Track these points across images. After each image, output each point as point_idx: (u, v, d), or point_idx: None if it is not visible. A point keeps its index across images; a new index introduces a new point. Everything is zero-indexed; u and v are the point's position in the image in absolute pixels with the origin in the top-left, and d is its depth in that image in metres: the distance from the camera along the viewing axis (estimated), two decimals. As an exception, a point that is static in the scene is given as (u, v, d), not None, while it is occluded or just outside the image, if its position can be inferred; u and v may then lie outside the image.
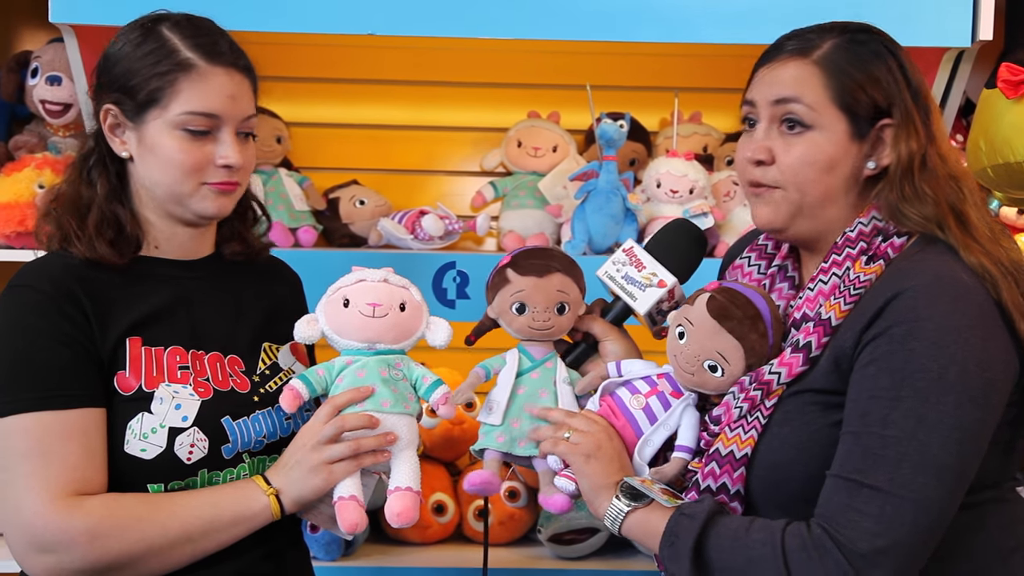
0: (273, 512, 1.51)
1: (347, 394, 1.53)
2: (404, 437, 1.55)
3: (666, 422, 1.50)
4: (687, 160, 2.34)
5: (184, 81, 1.53)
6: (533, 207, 2.44)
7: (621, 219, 2.28)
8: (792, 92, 1.45)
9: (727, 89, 2.69)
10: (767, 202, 1.49)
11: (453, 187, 2.76)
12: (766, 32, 2.08)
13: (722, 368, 1.46)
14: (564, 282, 1.57)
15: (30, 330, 1.48)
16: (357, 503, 1.52)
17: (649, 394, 1.51)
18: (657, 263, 1.58)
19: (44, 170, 2.26)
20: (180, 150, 1.53)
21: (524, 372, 1.57)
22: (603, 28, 2.15)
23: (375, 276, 1.57)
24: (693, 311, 1.48)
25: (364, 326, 1.55)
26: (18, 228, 2.22)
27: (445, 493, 2.36)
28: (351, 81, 2.69)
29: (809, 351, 1.42)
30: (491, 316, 1.60)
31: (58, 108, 2.34)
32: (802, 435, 1.41)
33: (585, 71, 2.46)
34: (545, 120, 2.55)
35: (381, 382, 1.53)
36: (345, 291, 1.56)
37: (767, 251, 1.63)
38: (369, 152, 2.72)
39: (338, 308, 1.56)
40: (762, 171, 1.48)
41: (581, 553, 2.28)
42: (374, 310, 1.54)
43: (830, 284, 1.45)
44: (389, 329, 1.55)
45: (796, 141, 1.46)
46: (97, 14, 2.05)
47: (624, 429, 1.51)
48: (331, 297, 1.58)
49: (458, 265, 2.20)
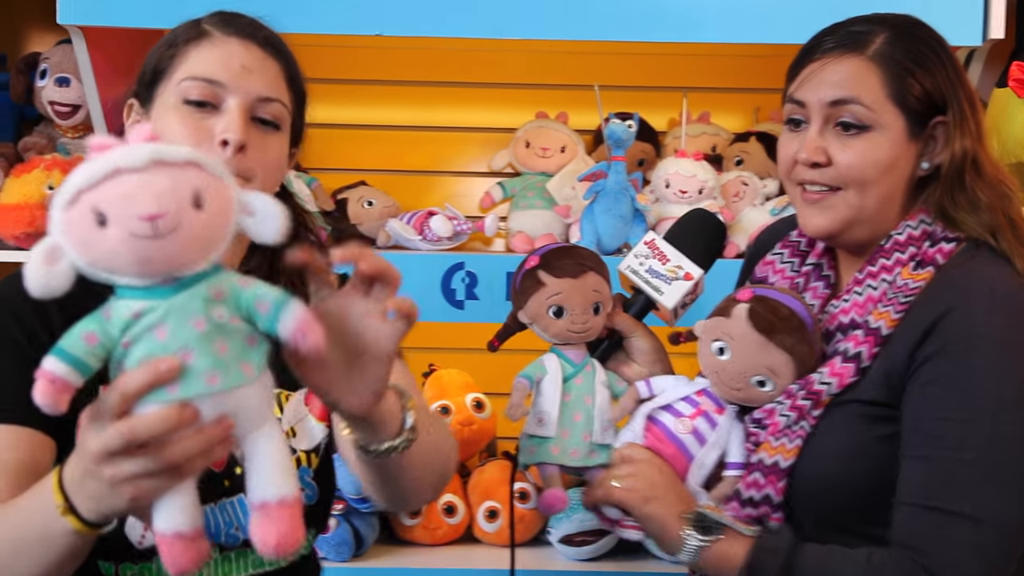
0: (80, 533, 1.05)
1: (143, 374, 0.94)
2: (252, 415, 1.00)
3: (716, 442, 1.44)
4: (696, 160, 2.34)
5: (193, 48, 1.34)
6: (542, 208, 2.43)
7: (630, 220, 2.27)
8: (849, 93, 1.39)
9: (736, 89, 2.70)
10: (824, 208, 1.43)
11: (461, 188, 2.75)
12: (776, 32, 2.10)
13: (772, 383, 1.41)
14: (598, 281, 1.51)
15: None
16: (185, 541, 1.00)
17: (694, 415, 1.44)
18: (681, 255, 1.54)
19: (53, 171, 2.26)
20: (177, 123, 1.30)
21: (567, 378, 1.50)
22: (612, 28, 2.15)
23: (138, 158, 0.92)
24: (733, 325, 1.42)
25: (145, 254, 0.92)
26: (27, 229, 2.22)
27: (455, 494, 2.35)
28: (359, 82, 2.69)
29: (860, 361, 1.38)
30: (523, 321, 1.53)
31: (67, 109, 2.34)
32: (847, 447, 1.37)
33: (593, 71, 2.46)
34: (553, 120, 2.55)
35: (197, 340, 0.95)
36: (93, 197, 0.92)
37: (800, 248, 1.58)
38: (377, 153, 2.72)
39: (89, 229, 0.92)
40: (819, 173, 1.42)
41: (593, 555, 2.27)
42: (154, 225, 0.91)
43: (879, 290, 1.41)
44: (187, 248, 0.94)
45: (853, 141, 1.40)
46: (105, 16, 2.05)
47: (675, 457, 1.44)
48: (71, 211, 0.93)
49: (467, 266, 2.19)
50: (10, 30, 2.59)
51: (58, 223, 0.93)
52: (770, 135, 2.47)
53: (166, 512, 0.99)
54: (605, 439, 1.48)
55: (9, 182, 2.29)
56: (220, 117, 1.30)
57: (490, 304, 2.14)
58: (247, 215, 0.98)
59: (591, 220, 2.27)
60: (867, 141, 1.40)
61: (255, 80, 1.33)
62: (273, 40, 1.38)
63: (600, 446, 1.48)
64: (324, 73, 2.67)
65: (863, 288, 1.43)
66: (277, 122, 1.36)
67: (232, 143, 1.29)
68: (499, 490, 2.33)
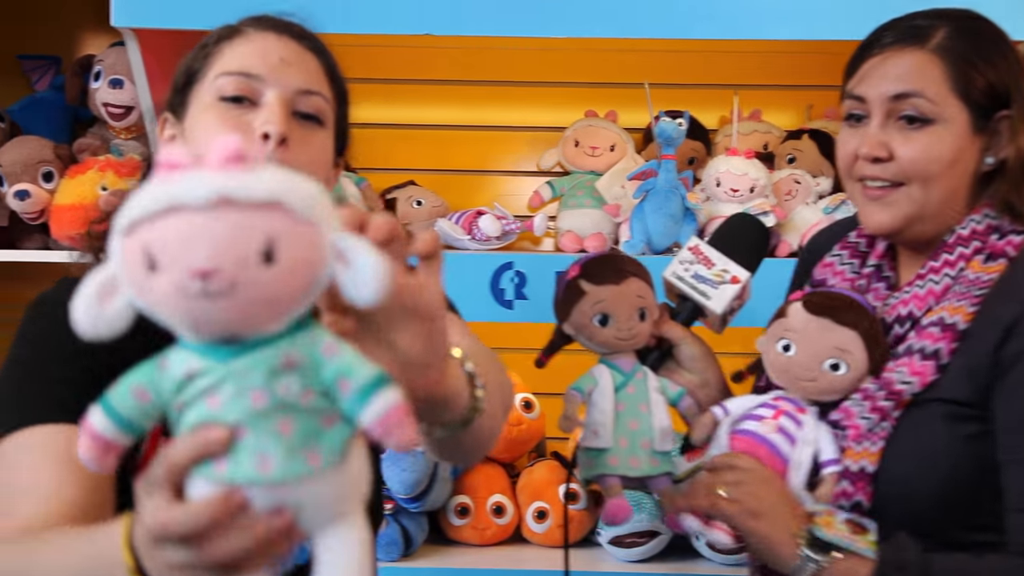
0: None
1: (187, 446, 0.79)
2: (322, 512, 0.80)
3: (806, 439, 1.38)
4: (747, 158, 2.31)
5: (226, 46, 1.26)
6: (591, 207, 2.43)
7: (680, 218, 2.25)
8: (912, 86, 1.37)
9: (788, 86, 2.68)
10: (887, 204, 1.41)
11: (510, 187, 2.75)
12: (827, 28, 2.08)
13: (845, 363, 1.37)
14: (641, 287, 1.47)
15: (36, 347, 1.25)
16: None
17: (776, 416, 1.40)
18: (727, 258, 1.51)
19: (107, 172, 2.30)
20: (214, 121, 1.22)
21: (619, 388, 1.46)
22: (662, 26, 2.14)
23: (199, 195, 0.73)
24: (791, 320, 1.40)
25: (192, 314, 0.76)
26: (82, 229, 2.25)
27: (504, 495, 2.35)
28: (408, 81, 2.70)
29: (939, 358, 1.35)
30: (568, 332, 1.49)
31: (120, 111, 2.37)
32: (929, 447, 1.35)
33: (643, 69, 2.44)
34: (603, 119, 2.54)
35: (252, 417, 0.78)
36: (146, 234, 0.75)
37: (860, 249, 1.55)
38: (426, 153, 2.73)
39: (140, 270, 0.76)
40: (881, 168, 1.40)
41: (642, 556, 2.26)
42: (205, 283, 0.74)
43: (941, 285, 1.39)
44: (245, 313, 0.76)
45: (916, 135, 1.38)
46: (157, 18, 2.08)
47: (770, 460, 1.38)
48: (126, 239, 0.76)
49: (516, 265, 2.19)
50: (65, 33, 2.64)
51: (116, 252, 0.78)
52: (823, 132, 2.44)
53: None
54: (665, 446, 1.45)
55: (64, 183, 2.33)
56: (259, 112, 1.21)
57: (539, 304, 2.14)
58: (342, 265, 0.77)
59: (641, 219, 2.26)
60: (930, 135, 1.38)
61: (294, 72, 1.24)
62: (310, 36, 1.31)
63: (661, 454, 1.45)
64: (373, 73, 2.69)
65: (924, 282, 1.41)
66: (320, 116, 1.26)
67: (273, 136, 1.18)
68: (548, 491, 2.32)
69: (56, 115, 2.51)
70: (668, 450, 1.46)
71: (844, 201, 2.27)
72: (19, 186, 2.29)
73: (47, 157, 2.35)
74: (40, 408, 1.19)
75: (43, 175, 2.33)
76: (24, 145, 2.36)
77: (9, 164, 2.32)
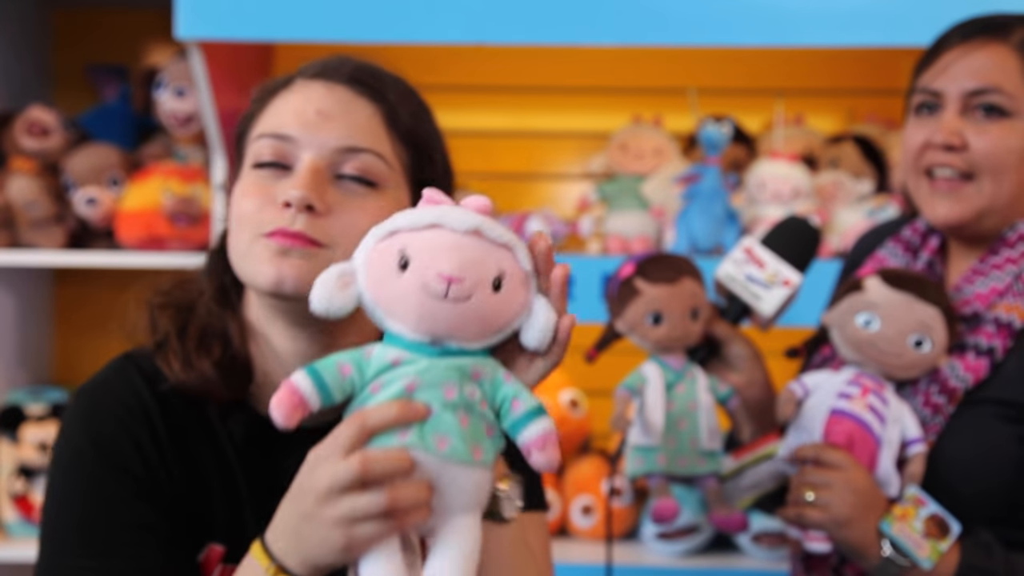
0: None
1: (389, 409, 0.92)
2: (461, 499, 0.94)
3: (895, 417, 1.37)
4: (790, 162, 2.34)
5: (272, 100, 1.13)
6: (637, 210, 2.46)
7: (724, 221, 2.29)
8: (991, 81, 1.37)
9: (830, 91, 2.70)
10: (957, 198, 1.40)
11: (558, 191, 2.80)
12: (870, 33, 2.09)
13: (929, 339, 1.35)
14: (695, 286, 1.47)
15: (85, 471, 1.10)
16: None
17: (863, 393, 1.38)
18: (779, 261, 1.49)
19: (171, 178, 2.37)
20: (244, 190, 1.09)
21: (669, 386, 1.45)
22: (706, 33, 2.16)
23: (462, 222, 0.92)
24: (872, 294, 1.38)
25: (428, 310, 0.92)
26: (147, 234, 2.34)
27: (550, 488, 2.39)
28: (457, 88, 2.75)
29: (994, 356, 1.36)
30: (620, 330, 1.48)
31: (183, 119, 2.44)
32: (979, 446, 1.35)
33: (688, 75, 2.48)
34: (648, 124, 2.57)
35: (442, 404, 0.93)
36: (407, 239, 0.93)
37: (913, 245, 1.54)
38: (474, 158, 2.76)
39: (390, 266, 0.93)
40: (954, 156, 1.39)
41: (686, 550, 2.29)
42: (448, 288, 0.91)
43: (1005, 281, 1.39)
44: (468, 321, 0.93)
45: (991, 127, 1.38)
46: (220, 29, 2.14)
47: (865, 440, 1.36)
48: (382, 243, 0.94)
49: (563, 267, 2.23)
50: (131, 45, 2.71)
51: (366, 251, 0.95)
52: (865, 137, 2.46)
53: (373, 570, 0.93)
54: (712, 445, 1.46)
55: (130, 189, 2.41)
56: (289, 178, 1.08)
57: (586, 305, 2.16)
58: (527, 313, 0.96)
59: (686, 222, 2.30)
60: (1005, 128, 1.37)
61: (334, 128, 1.08)
62: (364, 76, 1.14)
63: (708, 453, 1.46)
64: (424, 80, 2.73)
65: (987, 279, 1.40)
66: (369, 178, 1.10)
67: (294, 202, 1.04)
68: (593, 486, 2.36)
69: (123, 124, 2.58)
70: (716, 449, 1.47)
71: (886, 204, 2.29)
72: (87, 192, 2.37)
73: (114, 164, 2.43)
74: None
75: (110, 181, 2.42)
76: (92, 153, 2.44)
77: (78, 171, 2.41)
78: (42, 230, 2.42)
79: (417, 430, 0.92)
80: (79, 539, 1.08)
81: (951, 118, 1.39)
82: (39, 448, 2.42)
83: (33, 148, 2.47)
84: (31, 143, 2.47)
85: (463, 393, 0.94)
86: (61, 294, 2.85)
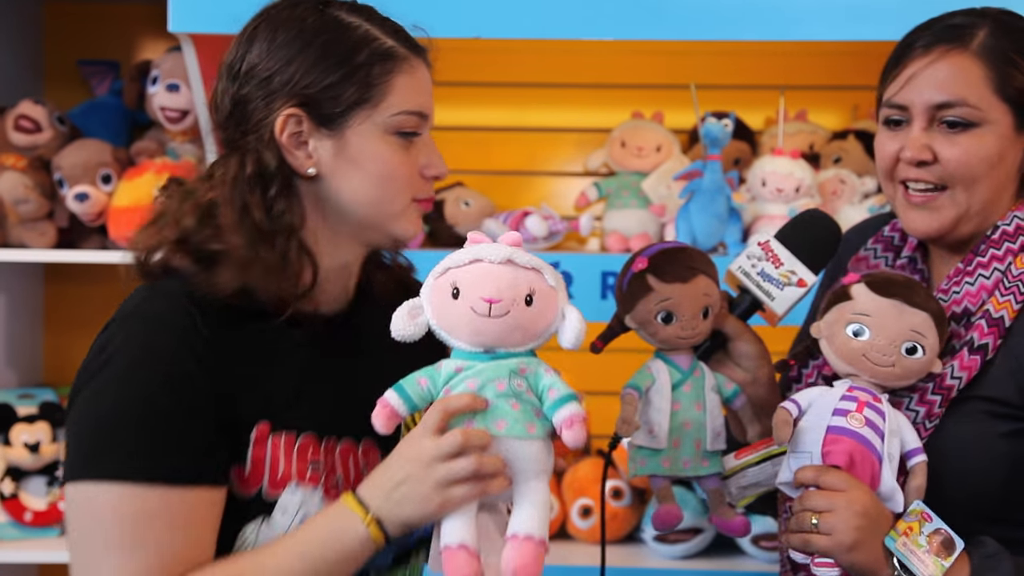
0: (376, 544, 1.21)
1: (463, 399, 1.20)
2: (527, 466, 1.22)
3: (893, 430, 1.33)
4: (793, 158, 2.32)
5: (398, 75, 1.31)
6: (637, 207, 2.44)
7: (726, 218, 2.27)
8: (956, 95, 1.37)
9: (833, 86, 2.68)
10: (932, 210, 1.41)
11: (557, 188, 2.78)
12: (873, 28, 2.07)
13: (921, 346, 1.33)
14: (708, 284, 1.42)
15: (142, 381, 1.22)
16: (468, 554, 1.19)
17: (859, 408, 1.34)
18: (795, 259, 1.45)
19: (163, 174, 2.34)
20: (397, 159, 1.31)
21: (676, 386, 1.42)
22: (707, 27, 2.14)
23: (496, 255, 1.21)
24: (860, 303, 1.35)
25: (477, 327, 1.21)
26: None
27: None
28: (455, 84, 2.73)
29: (986, 353, 1.35)
30: (630, 325, 1.44)
31: (176, 115, 2.41)
32: (969, 444, 1.35)
33: (689, 71, 2.46)
34: (649, 120, 2.55)
35: (497, 396, 1.21)
36: (455, 274, 1.22)
37: (894, 243, 1.55)
38: (473, 154, 2.75)
39: (445, 297, 1.22)
40: (925, 170, 1.40)
41: (687, 553, 2.28)
42: (490, 308, 1.19)
43: (992, 278, 1.39)
44: (509, 331, 1.21)
45: (959, 138, 1.38)
46: (214, 23, 2.11)
47: (866, 457, 1.32)
48: (438, 280, 1.23)
49: (562, 265, 2.21)
50: (123, 39, 2.69)
51: (427, 288, 1.24)
52: (868, 133, 2.44)
53: (454, 527, 1.20)
54: (716, 446, 1.43)
55: (122, 185, 2.38)
56: (419, 151, 1.34)
57: (585, 303, 2.14)
58: (560, 320, 1.24)
59: (686, 219, 2.28)
60: (974, 137, 1.38)
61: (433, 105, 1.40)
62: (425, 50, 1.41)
63: (711, 454, 1.43)
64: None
65: (975, 278, 1.41)
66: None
67: (442, 177, 1.37)
68: (592, 487, 2.35)
69: (114, 119, 2.56)
70: (720, 449, 1.44)
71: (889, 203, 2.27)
72: (79, 189, 2.35)
73: (105, 160, 2.40)
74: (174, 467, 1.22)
75: (102, 178, 2.39)
76: (83, 148, 2.41)
77: (69, 167, 2.38)
78: (32, 227, 2.40)
79: (480, 418, 1.21)
80: (138, 439, 1.20)
81: (918, 133, 1.40)
82: (29, 449, 2.39)
83: (23, 144, 2.44)
84: (21, 139, 2.44)
85: (511, 385, 1.22)
86: (52, 292, 2.82)
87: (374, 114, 1.29)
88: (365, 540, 1.20)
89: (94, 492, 1.19)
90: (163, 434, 1.20)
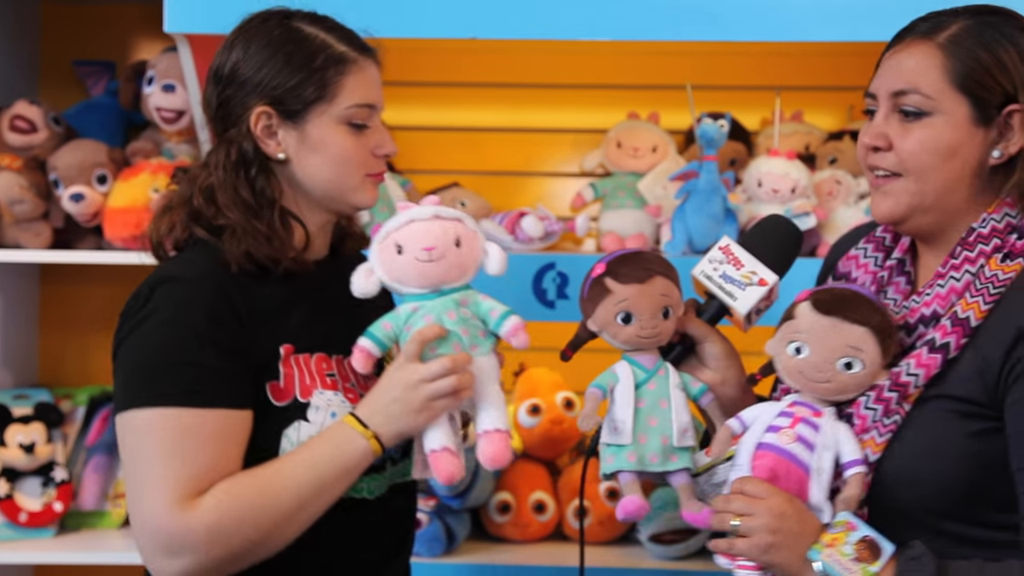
0: (375, 454, 1.47)
1: (433, 328, 1.47)
2: (482, 375, 1.49)
3: (825, 444, 1.39)
4: (788, 159, 2.32)
5: (348, 76, 1.56)
6: (632, 208, 2.44)
7: (721, 219, 2.27)
8: (909, 84, 1.40)
9: (829, 87, 2.68)
10: (887, 194, 1.44)
11: (553, 188, 2.78)
12: (869, 29, 2.07)
13: (859, 360, 1.38)
14: (666, 285, 1.49)
15: (182, 325, 1.46)
16: (451, 453, 1.47)
17: (792, 424, 1.40)
18: (756, 260, 1.51)
19: (159, 175, 2.34)
20: (349, 144, 1.56)
21: (640, 384, 1.48)
22: (703, 28, 2.14)
23: (424, 214, 1.49)
24: (799, 321, 1.41)
25: (422, 272, 1.48)
26: (135, 231, 2.30)
27: (545, 492, 2.38)
28: (452, 84, 2.73)
29: (947, 352, 1.37)
30: (592, 329, 1.52)
31: (172, 115, 2.41)
32: (935, 443, 1.36)
33: (685, 71, 2.46)
34: (645, 121, 2.55)
35: (449, 325, 1.48)
36: (395, 236, 1.49)
37: (885, 243, 1.57)
38: (469, 154, 2.75)
39: (392, 255, 1.49)
40: (881, 157, 1.43)
41: (681, 553, 2.28)
42: (429, 254, 1.47)
43: (963, 281, 1.40)
44: (448, 270, 1.48)
45: (913, 127, 1.41)
46: (209, 24, 2.11)
47: (792, 472, 1.38)
48: (383, 244, 1.50)
49: (558, 266, 2.21)
50: (119, 40, 2.68)
51: (374, 252, 1.50)
52: (864, 133, 2.44)
53: (434, 436, 1.48)
54: (684, 442, 1.47)
55: (117, 186, 2.38)
56: (371, 135, 1.59)
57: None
58: (484, 255, 1.52)
59: (682, 220, 2.28)
60: (926, 127, 1.40)
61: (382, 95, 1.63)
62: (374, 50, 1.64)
63: (679, 449, 1.47)
64: (418, 76, 2.72)
65: (945, 280, 1.42)
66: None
67: (391, 155, 1.62)
68: (589, 488, 2.34)
69: (110, 119, 2.56)
70: (688, 446, 1.48)
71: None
72: (74, 189, 2.34)
73: (101, 160, 2.40)
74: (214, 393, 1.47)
75: (97, 178, 2.39)
76: (79, 149, 2.41)
77: (64, 167, 2.38)
78: (28, 228, 2.40)
79: (441, 343, 1.48)
80: (178, 372, 1.44)
81: (879, 120, 1.44)
82: (24, 450, 2.38)
83: (19, 144, 2.44)
84: (17, 139, 2.44)
85: (460, 314, 1.50)
86: (47, 293, 2.81)
87: (329, 108, 1.55)
88: (366, 451, 1.46)
89: (140, 417, 1.43)
90: (197, 367, 1.44)
